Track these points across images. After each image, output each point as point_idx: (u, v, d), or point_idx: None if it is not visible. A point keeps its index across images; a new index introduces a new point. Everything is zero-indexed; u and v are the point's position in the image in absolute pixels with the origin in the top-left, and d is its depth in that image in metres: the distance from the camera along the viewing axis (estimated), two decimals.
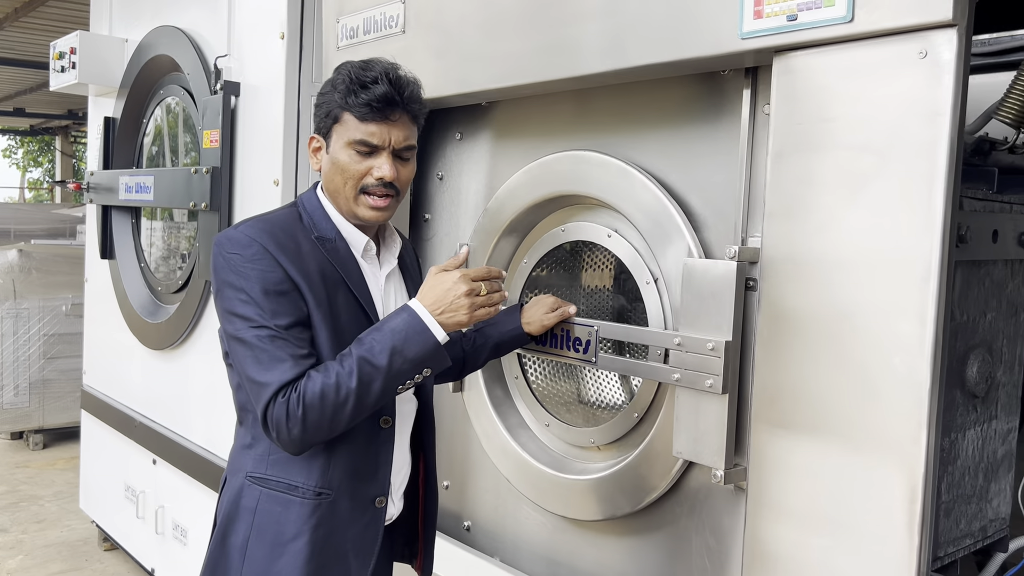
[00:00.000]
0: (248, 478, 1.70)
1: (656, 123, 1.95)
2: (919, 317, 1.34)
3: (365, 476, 1.73)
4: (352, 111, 1.65)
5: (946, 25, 1.30)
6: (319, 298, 1.64)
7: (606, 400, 2.28)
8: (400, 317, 1.62)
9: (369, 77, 1.65)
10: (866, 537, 1.40)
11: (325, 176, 1.74)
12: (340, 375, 1.55)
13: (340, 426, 1.59)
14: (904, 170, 1.35)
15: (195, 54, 3.33)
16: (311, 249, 1.68)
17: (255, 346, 1.57)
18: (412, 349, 1.59)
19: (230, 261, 1.61)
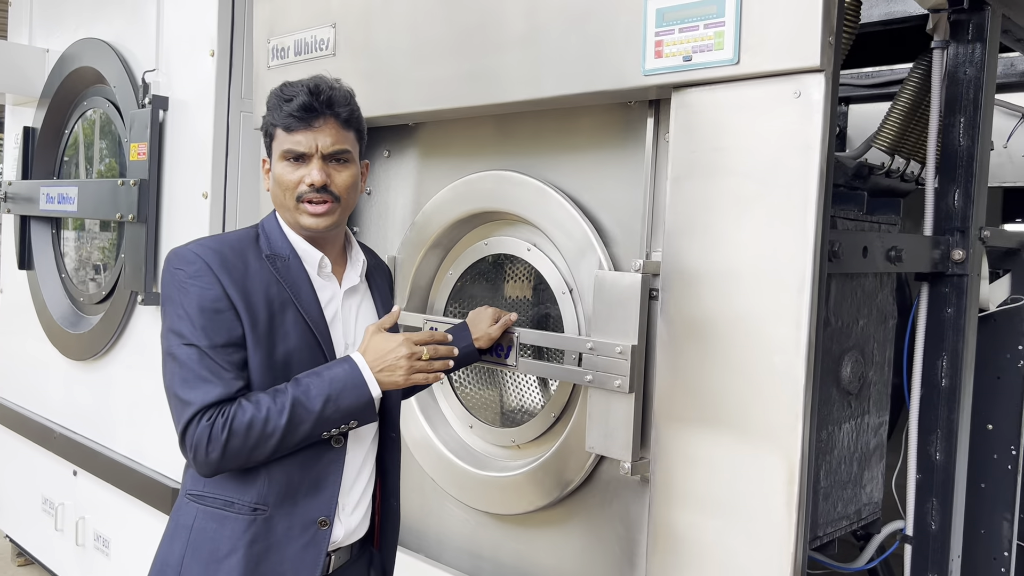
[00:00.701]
0: (187, 496, 1.71)
1: (570, 147, 2.12)
2: (795, 322, 1.54)
3: (308, 495, 1.70)
4: (279, 125, 1.70)
5: (816, 70, 1.50)
6: (256, 319, 1.64)
7: (524, 403, 2.44)
8: (341, 368, 1.65)
9: (292, 92, 1.70)
10: (754, 517, 1.59)
11: (272, 194, 1.77)
12: (271, 410, 1.58)
13: (258, 459, 1.61)
14: (782, 195, 1.55)
15: (121, 67, 3.36)
16: (259, 268, 1.69)
17: (183, 363, 1.59)
18: (346, 401, 1.63)
19: (175, 276, 1.64)
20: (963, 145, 2.17)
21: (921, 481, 2.23)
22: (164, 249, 3.18)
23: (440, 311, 2.46)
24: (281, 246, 1.74)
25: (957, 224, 2.17)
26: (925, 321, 2.21)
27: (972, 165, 2.16)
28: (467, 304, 2.50)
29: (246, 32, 3.01)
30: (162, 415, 3.19)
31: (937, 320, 2.20)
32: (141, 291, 3.17)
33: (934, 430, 2.20)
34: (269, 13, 2.67)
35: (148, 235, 3.15)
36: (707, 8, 1.61)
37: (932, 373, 2.20)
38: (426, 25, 2.18)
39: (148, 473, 3.24)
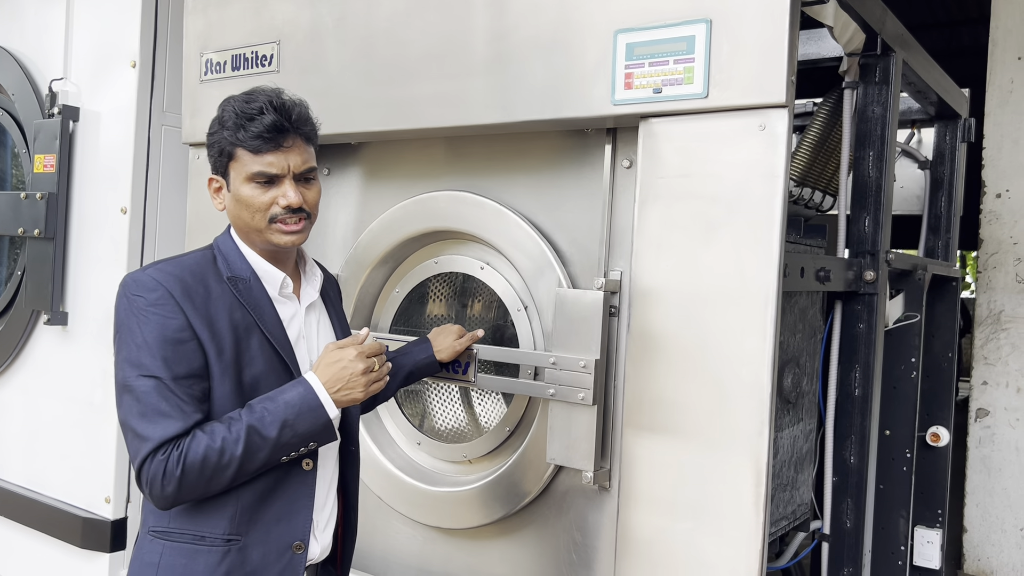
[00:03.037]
0: (150, 533, 1.65)
1: (524, 170, 2.20)
2: (761, 335, 1.68)
3: (281, 520, 1.68)
4: (244, 146, 1.65)
5: (780, 105, 1.66)
6: (222, 347, 1.61)
7: (476, 417, 2.48)
8: (295, 391, 1.61)
9: (254, 109, 1.65)
10: (722, 517, 1.71)
11: (231, 214, 1.73)
12: (226, 440, 1.54)
13: (216, 489, 1.58)
14: (748, 219, 1.69)
15: (22, 74, 3.19)
16: (221, 293, 1.65)
17: (141, 396, 1.55)
18: (303, 424, 1.60)
19: (133, 303, 1.59)
20: (872, 176, 2.41)
21: (837, 483, 2.43)
22: (73, 266, 3.03)
23: (385, 329, 2.48)
24: (241, 268, 1.71)
25: (868, 248, 2.40)
26: (839, 336, 2.43)
27: (880, 195, 2.40)
28: (413, 322, 2.53)
29: (169, 44, 2.93)
30: (64, 440, 3.04)
31: (850, 335, 2.42)
32: (47, 310, 3.00)
33: (849, 435, 2.41)
34: (203, 26, 2.62)
35: (56, 251, 2.99)
36: (677, 45, 1.74)
37: (846, 383, 2.42)
38: (382, 46, 2.22)
39: (50, 503, 3.05)
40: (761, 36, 1.67)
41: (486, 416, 2.63)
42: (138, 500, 2.92)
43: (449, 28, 2.10)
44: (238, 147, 1.66)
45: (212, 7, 2.60)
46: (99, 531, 2.88)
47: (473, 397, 2.65)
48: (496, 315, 2.41)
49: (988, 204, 4.70)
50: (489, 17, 2.02)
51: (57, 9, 3.13)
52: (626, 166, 2.01)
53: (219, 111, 1.72)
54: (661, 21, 1.78)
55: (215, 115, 1.73)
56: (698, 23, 1.72)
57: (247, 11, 2.51)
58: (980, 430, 4.71)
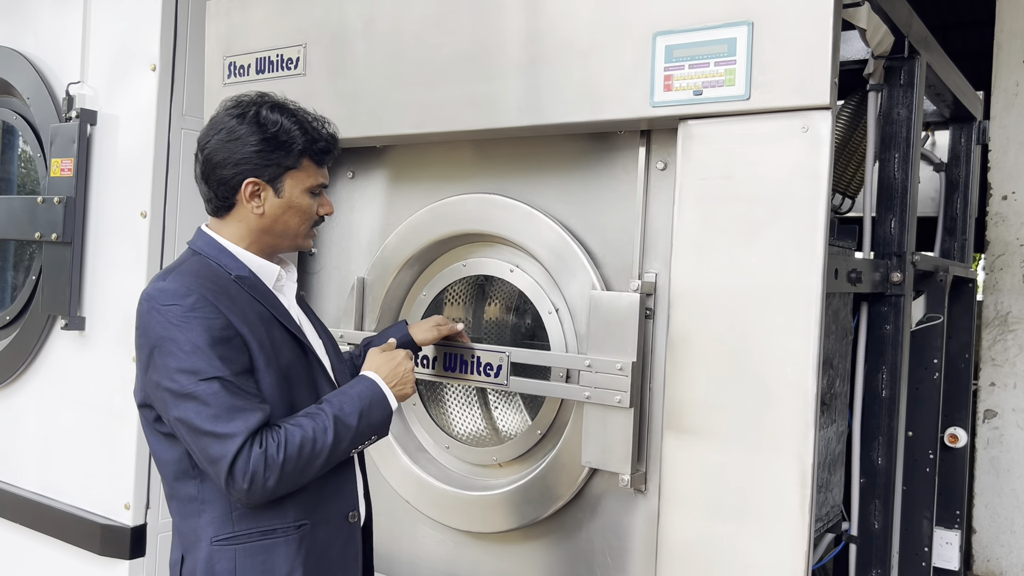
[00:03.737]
0: (214, 544, 1.65)
1: (553, 172, 2.20)
2: (806, 335, 1.68)
3: (335, 496, 1.78)
4: (314, 157, 1.76)
5: (823, 107, 1.66)
6: (261, 340, 1.65)
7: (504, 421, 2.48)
8: (363, 385, 1.76)
9: (317, 127, 1.78)
10: (767, 519, 1.71)
11: (272, 219, 1.74)
12: (316, 430, 1.62)
13: (305, 479, 1.65)
14: (792, 220, 1.69)
15: (37, 78, 3.17)
16: (237, 292, 1.68)
17: (209, 400, 1.54)
18: (376, 415, 1.74)
19: (168, 314, 1.58)
20: (898, 178, 2.42)
21: (865, 484, 2.43)
22: (90, 271, 3.01)
23: None
24: (239, 267, 1.74)
25: (894, 249, 2.41)
26: (866, 337, 2.43)
27: (906, 196, 2.41)
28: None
29: (189, 47, 2.92)
30: (80, 446, 3.01)
31: (877, 336, 2.42)
32: (64, 315, 2.98)
33: (876, 437, 2.42)
34: (225, 29, 2.61)
35: (75, 256, 2.97)
36: (718, 47, 1.74)
37: (873, 384, 2.42)
38: (412, 49, 2.21)
39: (67, 510, 3.03)
40: (804, 38, 1.67)
41: (504, 421, 2.62)
42: (158, 506, 2.90)
43: (482, 31, 2.09)
44: (305, 157, 1.74)
45: (235, 10, 2.59)
46: (118, 538, 2.85)
47: (491, 401, 2.65)
48: (525, 317, 2.40)
49: (994, 206, 4.71)
50: (524, 20, 2.01)
51: (74, 12, 3.11)
52: (660, 168, 2.01)
53: (272, 116, 1.71)
54: (701, 23, 1.78)
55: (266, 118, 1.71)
56: (740, 25, 1.72)
57: (272, 14, 2.50)
58: (988, 431, 4.72)
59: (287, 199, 1.75)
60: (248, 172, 1.72)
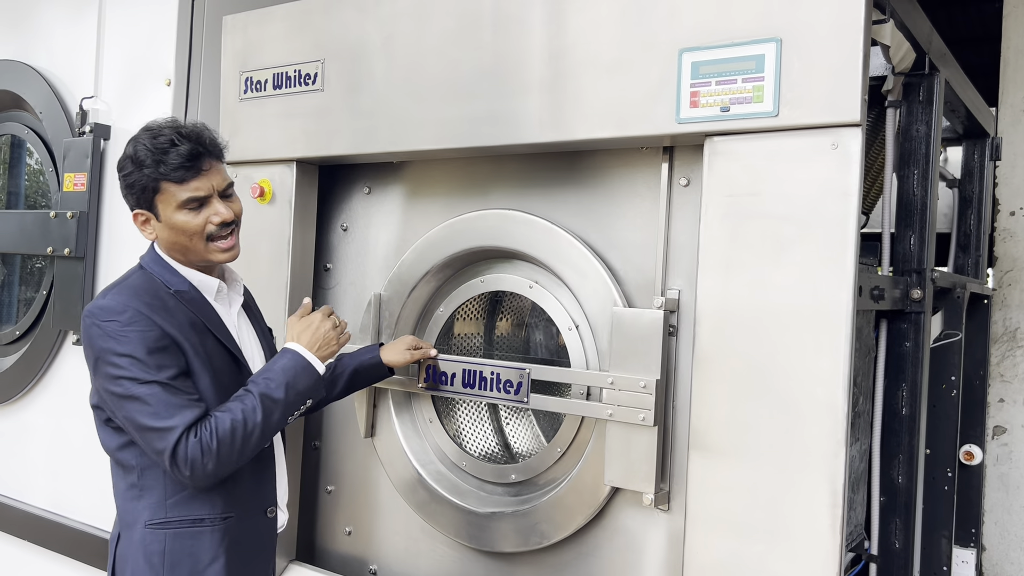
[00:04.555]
0: (148, 527, 1.80)
1: (573, 188, 2.19)
2: (836, 354, 1.66)
3: (256, 492, 1.93)
4: (168, 178, 1.78)
5: (853, 124, 1.65)
6: (195, 347, 1.80)
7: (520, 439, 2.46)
8: (286, 357, 1.87)
9: (165, 142, 1.78)
10: (797, 539, 1.69)
11: (166, 242, 1.86)
12: (245, 411, 1.76)
13: (245, 457, 1.78)
14: (821, 237, 1.68)
15: (50, 92, 3.16)
16: (175, 304, 1.82)
17: (148, 400, 1.70)
18: (302, 383, 1.86)
19: (106, 328, 1.72)
20: (917, 195, 2.41)
21: (885, 503, 2.41)
22: (103, 286, 2.99)
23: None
24: (178, 282, 1.86)
25: (914, 266, 2.40)
26: (885, 355, 2.41)
27: (925, 213, 2.40)
28: (457, 341, 2.51)
29: (204, 62, 2.91)
30: (91, 462, 2.98)
31: (897, 353, 2.41)
32: (76, 330, 2.96)
33: (896, 455, 2.40)
34: (242, 45, 2.60)
35: (87, 271, 2.95)
36: (746, 64, 1.74)
37: (893, 402, 2.40)
38: (433, 65, 2.21)
39: (76, 527, 3.00)
40: (833, 54, 1.66)
41: (516, 438, 2.60)
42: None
43: (504, 47, 2.09)
44: (162, 180, 1.79)
45: (252, 25, 2.59)
46: None
47: (502, 419, 2.63)
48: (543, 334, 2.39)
49: (1002, 222, 4.70)
50: (547, 36, 2.01)
51: (87, 27, 3.11)
52: (683, 184, 2.00)
53: (130, 150, 1.83)
54: (728, 40, 1.77)
55: (124, 155, 1.84)
56: (768, 42, 1.72)
57: (290, 29, 2.49)
58: (997, 447, 4.69)
59: (166, 221, 1.83)
60: (131, 205, 1.87)
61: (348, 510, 2.58)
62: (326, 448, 2.63)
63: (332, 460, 2.62)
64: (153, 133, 1.80)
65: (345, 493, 2.59)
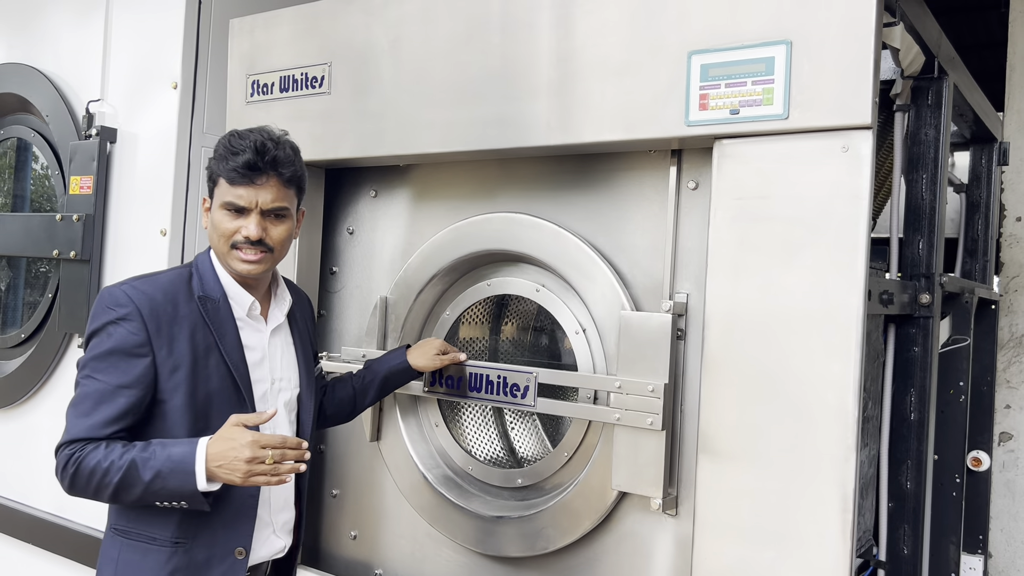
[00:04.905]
0: (112, 529, 1.82)
1: (581, 191, 2.18)
2: (846, 359, 1.65)
3: (227, 526, 1.80)
4: (224, 175, 1.80)
5: (864, 127, 1.64)
6: (178, 364, 1.75)
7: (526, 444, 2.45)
8: (182, 448, 1.67)
9: (241, 146, 1.79)
10: (807, 546, 1.68)
11: (208, 235, 1.88)
12: (112, 464, 1.65)
13: (104, 501, 1.72)
14: (831, 241, 1.67)
15: (56, 96, 3.16)
16: (188, 313, 1.79)
17: (83, 393, 1.72)
18: (173, 482, 1.66)
19: (104, 314, 1.74)
20: (926, 199, 2.40)
21: (893, 509, 2.39)
22: None
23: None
24: (213, 288, 1.85)
25: (923, 270, 2.38)
26: (893, 360, 2.40)
27: (934, 217, 2.39)
28: (462, 345, 2.50)
29: (211, 65, 2.91)
30: None
31: (905, 359, 2.39)
32: (81, 333, 2.96)
33: (905, 460, 2.38)
34: (248, 48, 2.60)
35: (93, 273, 2.95)
36: (755, 67, 1.73)
37: (902, 407, 2.39)
38: (440, 68, 2.20)
39: (81, 530, 2.99)
40: (844, 57, 1.65)
41: (520, 442, 2.59)
42: None
43: (511, 50, 2.08)
44: (220, 176, 1.82)
45: (259, 29, 2.59)
46: None
47: (508, 423, 2.62)
48: (549, 337, 2.38)
49: (1008, 228, 4.69)
50: (555, 38, 2.01)
51: (94, 30, 3.11)
52: (692, 187, 1.99)
53: (217, 141, 1.86)
54: (738, 42, 1.77)
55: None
56: (778, 44, 1.71)
57: (296, 32, 2.49)
58: (1003, 454, 4.67)
59: (212, 215, 1.86)
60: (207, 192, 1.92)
61: (353, 514, 2.57)
62: (331, 452, 2.62)
63: (337, 464, 2.61)
64: (241, 133, 1.82)
65: (350, 497, 2.58)
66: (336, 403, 2.21)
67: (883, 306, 2.12)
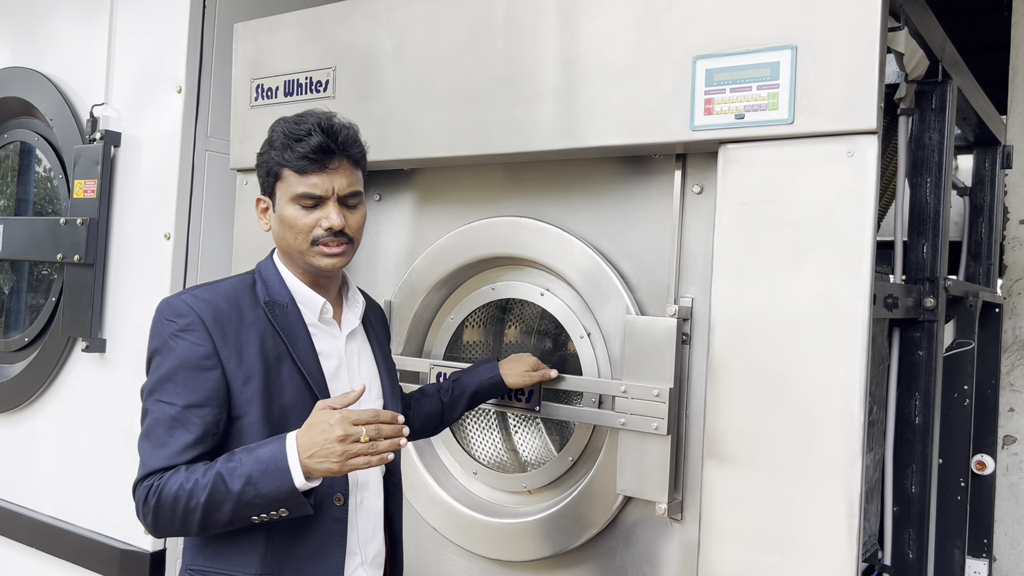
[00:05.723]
0: (188, 570, 1.66)
1: (585, 195, 2.18)
2: (852, 363, 1.65)
3: (314, 556, 1.66)
4: (290, 166, 1.65)
5: (869, 132, 1.64)
6: (249, 375, 1.61)
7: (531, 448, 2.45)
8: (270, 447, 1.52)
9: (303, 130, 1.65)
10: (814, 550, 1.67)
11: (276, 235, 1.74)
12: (198, 482, 1.50)
13: (193, 532, 1.55)
14: (837, 245, 1.67)
15: (60, 99, 3.17)
16: (255, 319, 1.65)
17: (153, 421, 1.56)
18: (267, 486, 1.49)
19: (165, 327, 1.61)
20: (930, 203, 2.40)
21: (898, 513, 2.39)
22: (112, 292, 2.99)
23: (439, 356, 2.45)
24: (280, 293, 1.71)
25: (927, 274, 2.38)
26: (898, 363, 2.40)
27: (938, 221, 2.39)
28: (466, 349, 2.50)
29: (215, 69, 2.92)
30: (99, 470, 2.98)
31: (910, 362, 2.39)
32: (85, 337, 2.96)
33: (910, 464, 2.38)
34: (253, 52, 2.61)
35: (97, 277, 2.95)
36: (760, 71, 1.73)
37: (906, 411, 2.39)
38: (444, 72, 2.20)
39: (85, 534, 2.99)
40: (849, 62, 1.65)
41: (524, 446, 2.59)
42: None
43: (516, 54, 2.09)
44: (285, 167, 1.67)
45: (263, 33, 2.59)
46: (138, 563, 2.81)
47: (511, 427, 2.61)
48: (553, 342, 2.38)
49: (1012, 231, 4.69)
50: (560, 43, 2.01)
51: (98, 34, 3.12)
52: (697, 192, 1.99)
53: (269, 132, 1.73)
54: (743, 47, 1.77)
55: (266, 137, 1.74)
56: (783, 49, 1.71)
57: (301, 37, 2.50)
58: (1007, 457, 4.67)
59: (279, 212, 1.71)
60: (260, 191, 1.76)
61: None
62: None
63: None
64: (297, 118, 1.68)
65: None
66: (424, 417, 2.10)
67: (888, 310, 2.12)
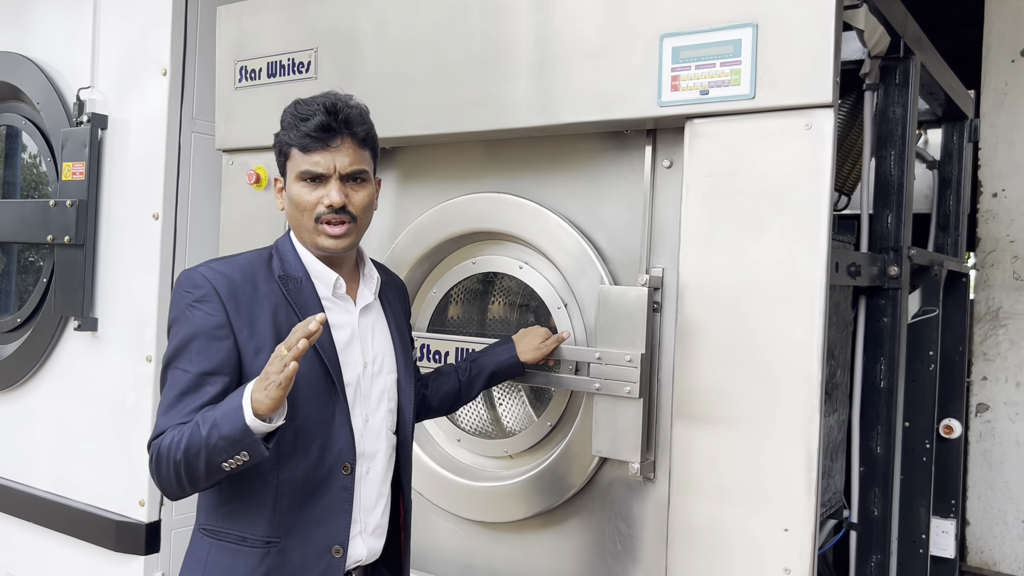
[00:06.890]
0: (201, 530, 1.72)
1: (562, 171, 2.26)
2: (811, 326, 1.74)
3: (320, 524, 1.71)
4: (296, 144, 1.72)
5: (826, 105, 1.73)
6: (261, 346, 1.66)
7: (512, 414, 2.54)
8: (234, 394, 1.57)
9: (309, 110, 1.72)
10: (775, 502, 1.78)
11: (288, 215, 1.79)
12: (181, 436, 1.55)
13: (187, 487, 1.60)
14: (796, 215, 1.76)
15: (47, 83, 3.22)
16: (269, 292, 1.71)
17: (168, 386, 1.65)
18: (226, 426, 1.51)
19: (182, 298, 1.67)
20: (894, 175, 2.49)
21: (864, 473, 2.50)
22: (103, 272, 3.06)
23: (423, 328, 2.53)
24: (295, 268, 1.76)
25: (891, 244, 2.48)
26: (864, 329, 2.50)
27: (902, 192, 2.48)
28: (450, 322, 2.58)
29: (199, 51, 2.97)
30: (93, 444, 3.06)
31: (875, 329, 2.49)
32: (77, 316, 3.03)
33: (875, 426, 2.49)
34: (236, 34, 2.66)
35: (87, 258, 3.02)
36: (723, 48, 1.81)
37: (872, 375, 2.49)
38: (423, 52, 2.27)
39: (82, 508, 3.07)
40: (807, 39, 1.74)
41: (508, 416, 2.68)
42: (172, 502, 2.95)
43: (492, 34, 2.16)
44: (292, 146, 1.74)
45: (246, 15, 2.65)
46: (134, 534, 2.90)
47: (495, 397, 2.70)
48: (533, 313, 2.46)
49: (985, 203, 4.80)
50: (534, 23, 2.08)
51: (83, 18, 3.16)
52: (666, 166, 2.08)
53: (282, 114, 1.79)
54: (707, 25, 1.85)
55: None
56: (745, 27, 1.79)
57: (283, 19, 2.56)
58: (980, 424, 4.80)
59: (288, 191, 1.78)
60: (278, 171, 1.84)
61: None
62: None
63: None
64: (307, 100, 1.74)
65: None
66: (441, 397, 2.14)
67: (851, 277, 2.22)
